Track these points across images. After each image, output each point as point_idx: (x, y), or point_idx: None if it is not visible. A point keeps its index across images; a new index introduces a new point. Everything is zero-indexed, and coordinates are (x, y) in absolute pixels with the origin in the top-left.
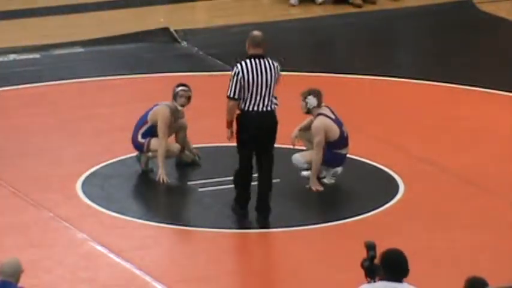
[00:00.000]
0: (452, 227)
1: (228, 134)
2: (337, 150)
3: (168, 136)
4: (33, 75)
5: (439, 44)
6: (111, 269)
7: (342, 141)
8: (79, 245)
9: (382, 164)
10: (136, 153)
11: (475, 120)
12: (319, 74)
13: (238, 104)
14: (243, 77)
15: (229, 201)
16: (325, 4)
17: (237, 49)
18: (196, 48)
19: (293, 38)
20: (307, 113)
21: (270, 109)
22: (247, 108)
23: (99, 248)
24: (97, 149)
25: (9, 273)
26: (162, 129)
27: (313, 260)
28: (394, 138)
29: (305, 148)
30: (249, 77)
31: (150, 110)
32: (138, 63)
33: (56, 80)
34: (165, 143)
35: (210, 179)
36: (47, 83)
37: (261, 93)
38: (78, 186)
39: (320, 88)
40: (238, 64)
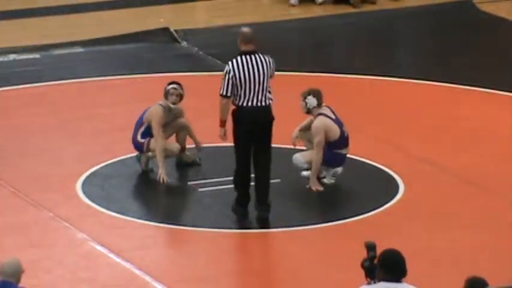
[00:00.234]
0: (452, 227)
1: (220, 133)
2: (338, 150)
3: (168, 136)
4: (33, 75)
5: (439, 44)
6: (111, 269)
7: (342, 141)
8: (79, 245)
9: (382, 164)
10: (136, 153)
11: (475, 120)
12: (319, 74)
13: (233, 101)
14: (235, 74)
15: (229, 201)
16: (325, 4)
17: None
18: (196, 48)
19: (293, 38)
20: (308, 113)
21: (265, 104)
22: (241, 103)
23: (99, 248)
24: (97, 149)
25: (9, 273)
26: (156, 129)
27: (313, 260)
28: (394, 138)
29: (305, 148)
30: (240, 74)
31: (146, 110)
32: (138, 63)
33: (56, 80)
34: (161, 142)
35: (210, 179)
36: (47, 83)
37: (254, 89)
38: (78, 186)
39: (320, 88)
40: (230, 62)
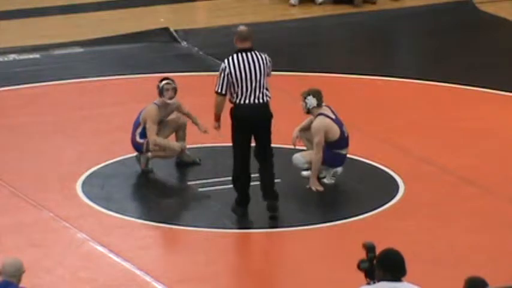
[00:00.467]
0: (452, 227)
1: (214, 126)
2: (337, 151)
3: (167, 135)
4: (33, 75)
5: (439, 44)
6: (111, 269)
7: (342, 142)
8: (79, 245)
9: (382, 164)
10: (135, 154)
11: (475, 120)
12: (319, 74)
13: (230, 99)
14: (230, 72)
15: (229, 201)
16: (325, 4)
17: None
18: (196, 48)
19: (293, 38)
20: (307, 113)
21: (263, 101)
22: (239, 101)
23: (99, 248)
24: (97, 149)
25: (10, 273)
26: (151, 129)
27: (313, 260)
28: (394, 138)
29: (305, 148)
30: (236, 71)
31: (142, 110)
32: (138, 63)
33: (56, 80)
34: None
35: (210, 179)
36: (47, 83)
37: (251, 87)
38: (78, 186)
39: (320, 88)
40: (226, 59)
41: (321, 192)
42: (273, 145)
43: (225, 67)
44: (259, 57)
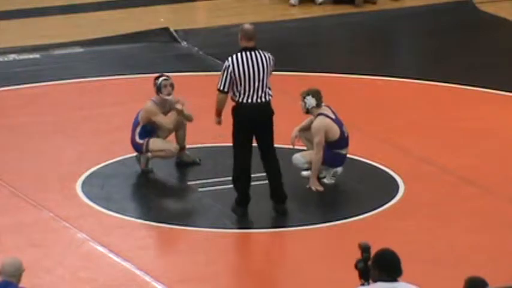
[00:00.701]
0: (452, 227)
1: (216, 121)
2: (337, 150)
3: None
4: (33, 75)
5: (439, 44)
6: (111, 269)
7: (342, 141)
8: (79, 245)
9: (382, 164)
10: (135, 154)
11: (475, 120)
12: (319, 74)
13: (232, 98)
14: (234, 70)
15: (229, 201)
16: (325, 4)
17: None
18: (196, 48)
19: (293, 38)
20: (307, 113)
21: (265, 100)
22: (241, 100)
23: (99, 248)
24: (97, 149)
25: (10, 273)
26: (161, 119)
27: (313, 260)
28: (394, 138)
29: (305, 148)
30: (239, 70)
31: (140, 110)
32: (138, 63)
33: (56, 80)
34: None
35: (210, 179)
36: (47, 83)
37: (254, 86)
38: (78, 186)
39: (320, 88)
40: (229, 57)
41: (321, 192)
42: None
43: (229, 65)
44: (263, 56)
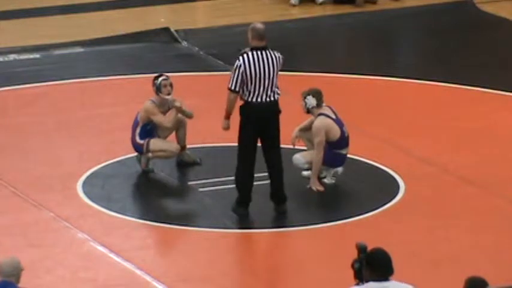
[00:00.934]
0: (452, 227)
1: (224, 125)
2: (338, 151)
3: (167, 135)
4: (33, 75)
5: (439, 44)
6: (111, 269)
7: (343, 142)
8: (79, 245)
9: (382, 164)
10: (136, 154)
11: (475, 120)
12: (319, 74)
13: (241, 96)
14: (245, 69)
15: (229, 201)
16: (325, 4)
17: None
18: (196, 48)
19: (293, 38)
20: (308, 112)
21: (274, 99)
22: (251, 99)
23: (99, 248)
24: (97, 149)
25: (9, 273)
26: (159, 118)
27: (313, 260)
28: (395, 138)
29: (305, 148)
30: (251, 69)
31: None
32: (138, 63)
33: (56, 80)
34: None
35: (210, 179)
36: (47, 83)
37: (264, 85)
38: (78, 186)
39: (320, 88)
40: (241, 56)
41: (321, 192)
42: None
43: (240, 64)
44: (273, 55)
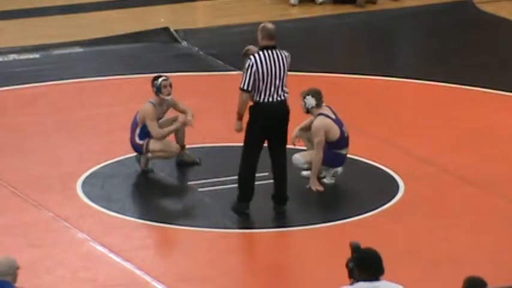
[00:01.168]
0: (452, 227)
1: (237, 127)
2: (337, 151)
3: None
4: (33, 75)
5: (439, 44)
6: (111, 269)
7: (342, 142)
8: (79, 245)
9: (382, 164)
10: (135, 154)
11: (475, 120)
12: (319, 74)
13: (251, 97)
14: (258, 69)
15: (229, 201)
16: (325, 4)
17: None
18: (196, 48)
19: (293, 38)
20: (307, 112)
21: (284, 98)
22: (261, 99)
23: (99, 248)
24: (97, 149)
25: (4, 272)
26: (152, 125)
27: (313, 260)
28: (394, 138)
29: (305, 148)
30: (263, 68)
31: (139, 111)
32: (138, 63)
33: (56, 80)
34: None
35: (210, 179)
36: (47, 83)
37: (275, 84)
38: (78, 186)
39: (320, 88)
40: (252, 56)
41: (321, 192)
42: None
43: (252, 64)
44: (282, 55)
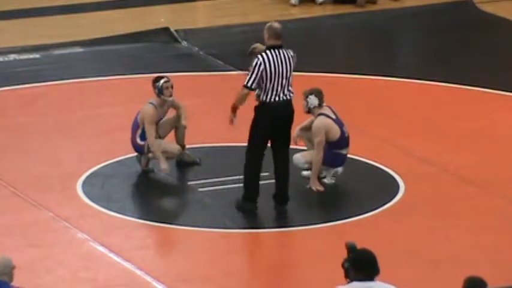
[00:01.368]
0: (452, 227)
1: (231, 117)
2: (338, 151)
3: (166, 134)
4: (33, 75)
5: (439, 44)
6: (111, 269)
7: (343, 142)
8: (79, 245)
9: (382, 164)
10: (136, 154)
11: (475, 120)
12: (319, 74)
13: (257, 97)
14: (265, 68)
15: (229, 201)
16: (325, 4)
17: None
18: (196, 48)
19: (293, 38)
20: (308, 112)
21: (290, 98)
22: (268, 99)
23: (99, 248)
24: (97, 149)
25: (0, 272)
26: (149, 131)
27: (313, 260)
28: (395, 138)
29: (305, 148)
30: (271, 67)
31: (139, 111)
32: (138, 63)
33: (56, 80)
34: (155, 140)
35: (210, 179)
36: (47, 83)
37: (281, 84)
38: (78, 186)
39: (321, 88)
40: (260, 55)
41: (321, 192)
42: None
43: (260, 63)
44: (288, 54)
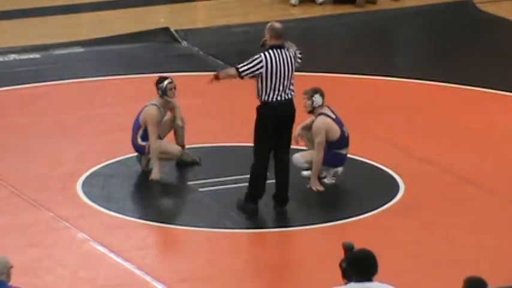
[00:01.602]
0: (452, 227)
1: (211, 79)
2: (338, 150)
3: (165, 134)
4: (33, 75)
5: (439, 44)
6: (111, 269)
7: (343, 141)
8: (79, 245)
9: (382, 164)
10: (136, 154)
11: (475, 120)
12: (319, 74)
13: (260, 95)
14: (267, 68)
15: (229, 201)
16: (325, 4)
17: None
18: (196, 48)
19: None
20: (310, 112)
21: (291, 97)
22: (270, 98)
23: (99, 248)
24: (97, 149)
25: None
26: (152, 131)
27: (313, 260)
28: (395, 138)
29: (306, 148)
30: (272, 68)
31: (141, 112)
32: (138, 63)
33: (56, 80)
34: (157, 143)
35: (210, 179)
36: (47, 83)
37: (283, 84)
38: (78, 186)
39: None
40: (262, 54)
41: (321, 192)
42: None
43: (261, 60)
44: (289, 54)
